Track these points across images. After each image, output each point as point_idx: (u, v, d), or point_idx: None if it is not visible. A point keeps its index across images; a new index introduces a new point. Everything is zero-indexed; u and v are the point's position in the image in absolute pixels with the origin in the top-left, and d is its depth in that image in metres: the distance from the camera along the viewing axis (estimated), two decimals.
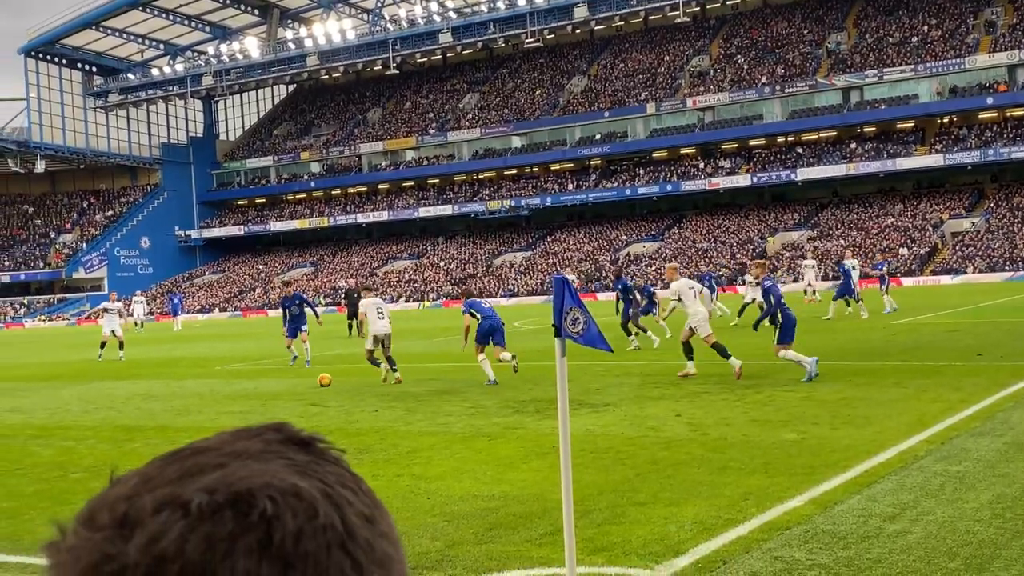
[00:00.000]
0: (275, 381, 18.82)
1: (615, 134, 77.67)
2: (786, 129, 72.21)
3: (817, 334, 23.17)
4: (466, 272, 76.01)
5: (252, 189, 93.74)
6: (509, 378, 16.80)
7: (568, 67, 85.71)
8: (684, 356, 15.83)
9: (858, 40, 73.36)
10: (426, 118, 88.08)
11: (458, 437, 11.05)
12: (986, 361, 15.57)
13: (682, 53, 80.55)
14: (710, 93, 74.85)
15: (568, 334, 5.60)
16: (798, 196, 72.19)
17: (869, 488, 7.52)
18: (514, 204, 79.11)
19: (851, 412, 11.29)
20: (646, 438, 10.28)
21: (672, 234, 73.55)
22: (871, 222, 66.31)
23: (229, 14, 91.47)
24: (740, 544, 6.23)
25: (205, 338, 38.80)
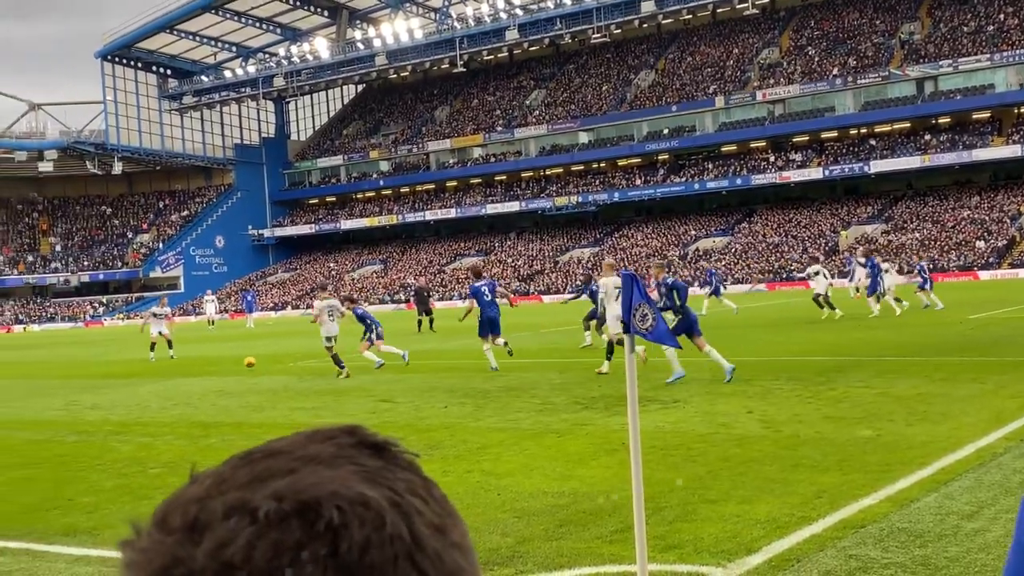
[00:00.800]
0: (349, 378, 19.02)
1: (683, 128, 77.04)
2: (858, 121, 70.96)
3: (893, 330, 22.78)
4: (533, 268, 76.04)
5: (323, 188, 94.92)
6: (578, 375, 16.79)
7: (635, 62, 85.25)
8: (605, 354, 16.76)
9: (932, 30, 71.82)
10: (493, 115, 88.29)
11: (527, 433, 11.07)
12: None
13: (751, 46, 79.62)
14: (780, 86, 73.86)
15: (637, 330, 5.59)
16: (871, 189, 70.95)
17: (946, 486, 7.38)
18: (581, 200, 78.92)
19: (927, 408, 11.08)
20: (717, 435, 10.20)
21: (742, 229, 72.77)
22: (946, 215, 64.92)
23: (299, 16, 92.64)
24: (814, 542, 6.16)
25: (278, 335, 39.37)
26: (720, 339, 22.78)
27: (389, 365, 20.13)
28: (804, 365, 16.14)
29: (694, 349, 19.55)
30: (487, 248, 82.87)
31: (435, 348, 25.95)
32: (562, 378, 16.44)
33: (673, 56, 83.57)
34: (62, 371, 26.00)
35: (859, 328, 23.72)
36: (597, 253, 75.55)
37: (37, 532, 7.68)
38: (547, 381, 16.11)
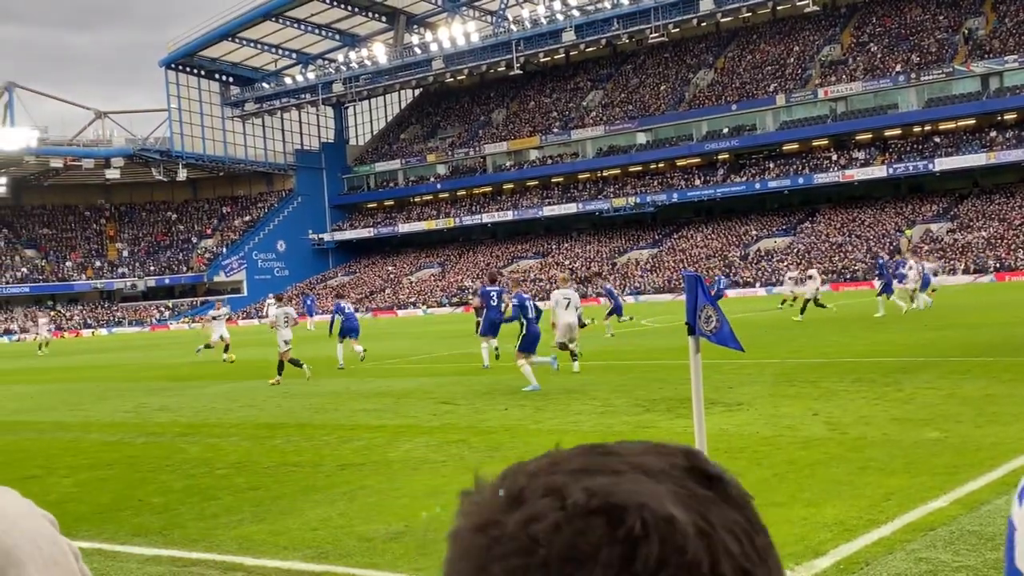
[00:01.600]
0: (407, 380, 19.16)
1: (743, 127, 76.37)
2: (922, 118, 69.78)
3: (959, 329, 22.38)
4: (591, 270, 75.87)
5: (381, 192, 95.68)
6: (638, 377, 16.72)
7: (693, 61, 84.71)
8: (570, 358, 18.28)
9: (997, 24, 70.39)
10: (549, 117, 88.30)
11: (589, 435, 11.04)
12: None
13: (812, 43, 78.70)
14: (842, 83, 72.90)
15: (702, 332, 5.57)
16: (936, 187, 69.74)
17: (1017, 488, 7.22)
18: (639, 201, 78.59)
19: (997, 410, 10.87)
20: (782, 437, 10.10)
21: (804, 228, 71.93)
22: (1013, 212, 63.56)
23: (357, 22, 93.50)
24: (882, 545, 6.08)
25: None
26: (784, 339, 22.59)
27: (448, 368, 20.16)
28: (869, 366, 15.91)
29: (757, 350, 19.40)
30: (544, 250, 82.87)
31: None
32: (622, 379, 16.39)
33: (732, 54, 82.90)
34: (130, 374, 26.50)
35: (925, 328, 23.33)
36: (656, 254, 75.19)
37: (108, 532, 7.84)
38: (607, 383, 16.07)
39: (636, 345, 24.40)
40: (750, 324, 28.95)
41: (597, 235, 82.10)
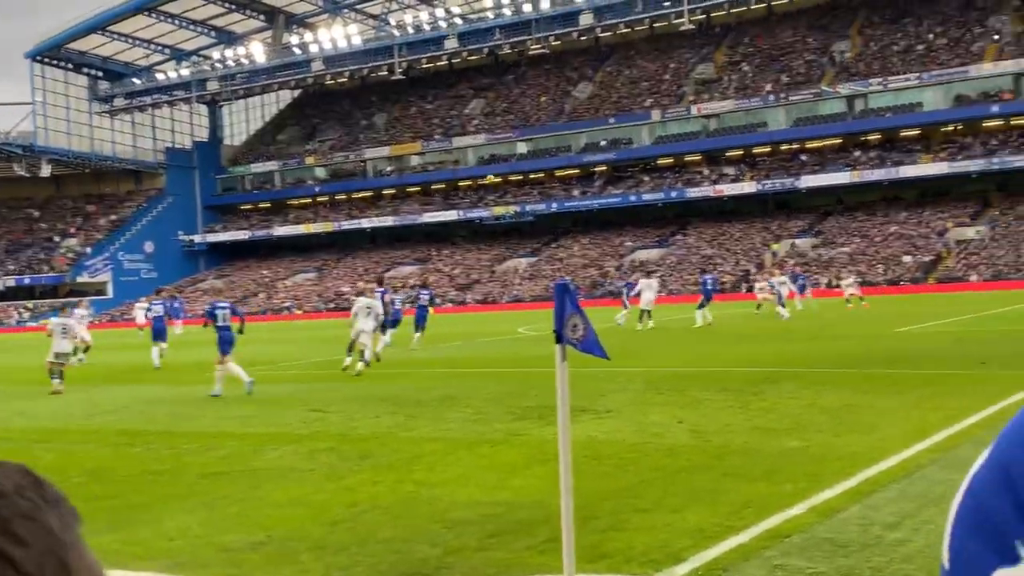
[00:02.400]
0: (277, 386, 18.81)
1: (620, 140, 77.68)
2: (790, 137, 72.15)
3: (823, 341, 23.16)
4: (471, 278, 76.01)
5: (257, 194, 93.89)
6: (513, 385, 16.79)
7: (573, 73, 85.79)
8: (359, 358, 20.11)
9: (863, 48, 73.34)
10: (431, 124, 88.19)
11: (461, 443, 11.02)
12: (989, 370, 15.52)
13: (687, 60, 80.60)
14: (715, 100, 74.86)
15: (569, 340, 5.60)
16: (802, 204, 72.13)
17: (871, 496, 7.49)
18: (519, 210, 79.14)
19: (854, 419, 11.26)
20: (649, 444, 10.25)
21: (677, 240, 73.52)
22: (875, 230, 66.23)
23: (235, 19, 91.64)
24: (740, 552, 6.21)
25: (207, 343, 38.76)
26: (656, 349, 23.02)
27: (321, 375, 19.92)
28: (735, 376, 16.32)
29: (628, 359, 19.70)
30: (424, 257, 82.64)
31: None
32: (497, 387, 16.43)
33: (611, 69, 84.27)
34: None
35: (790, 340, 24.08)
36: (534, 263, 75.79)
37: None
38: (483, 391, 16.08)
39: (513, 353, 24.51)
40: (658, 332, 29.40)
41: (477, 243, 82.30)
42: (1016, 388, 12.91)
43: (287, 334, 45.07)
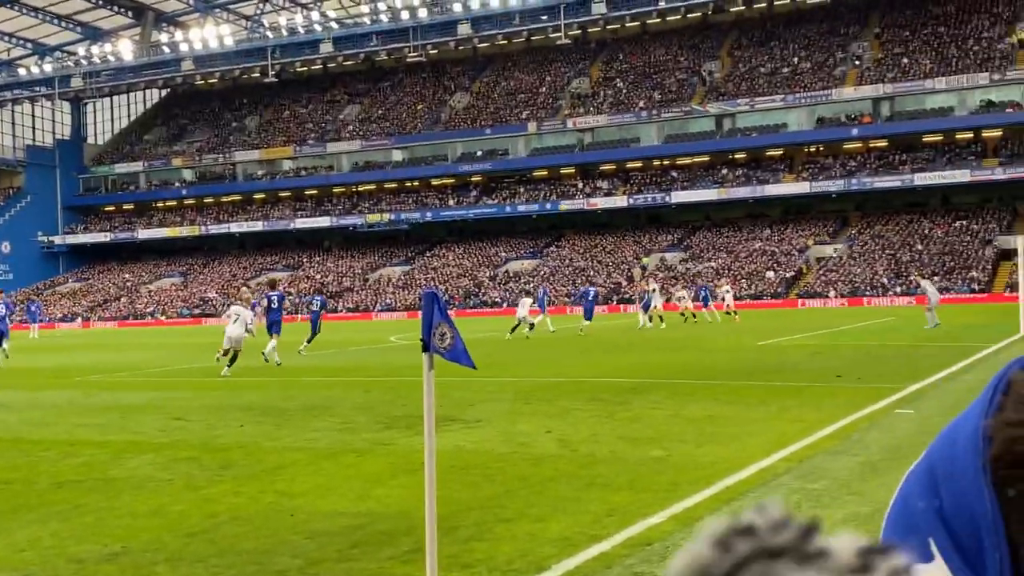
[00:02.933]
0: (137, 394, 18.22)
1: (496, 151, 78.12)
2: (662, 153, 73.79)
3: (689, 352, 23.69)
4: (343, 285, 75.23)
5: (120, 195, 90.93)
6: (382, 394, 16.66)
7: (451, 83, 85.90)
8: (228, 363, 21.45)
9: (732, 69, 75.56)
10: (305, 128, 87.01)
11: (325, 453, 10.86)
12: (845, 383, 16.11)
13: (563, 74, 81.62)
14: (590, 115, 76.00)
15: (436, 349, 5.57)
16: (672, 218, 73.79)
17: (729, 505, 7.67)
18: (393, 218, 78.74)
19: (716, 430, 11.52)
20: (516, 454, 10.29)
21: (551, 252, 74.27)
22: (740, 246, 68.21)
23: (101, 15, 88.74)
24: (602, 560, 6.27)
25: (64, 348, 37.39)
26: (527, 360, 23.16)
27: (183, 382, 19.39)
28: (603, 386, 16.55)
29: (498, 368, 19.78)
30: (295, 263, 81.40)
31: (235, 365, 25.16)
32: (366, 397, 16.26)
33: (488, 80, 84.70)
34: None
35: (657, 351, 24.56)
36: (408, 272, 75.49)
37: None
38: (350, 400, 15.89)
39: (383, 362, 24.32)
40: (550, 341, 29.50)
41: (350, 250, 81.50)
42: (869, 401, 13.44)
43: (149, 340, 43.77)
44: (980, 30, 68.95)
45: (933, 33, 70.49)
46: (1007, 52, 65.70)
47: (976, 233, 62.16)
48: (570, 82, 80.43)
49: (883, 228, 65.88)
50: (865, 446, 10.13)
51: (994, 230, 61.67)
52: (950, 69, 66.19)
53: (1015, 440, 0.64)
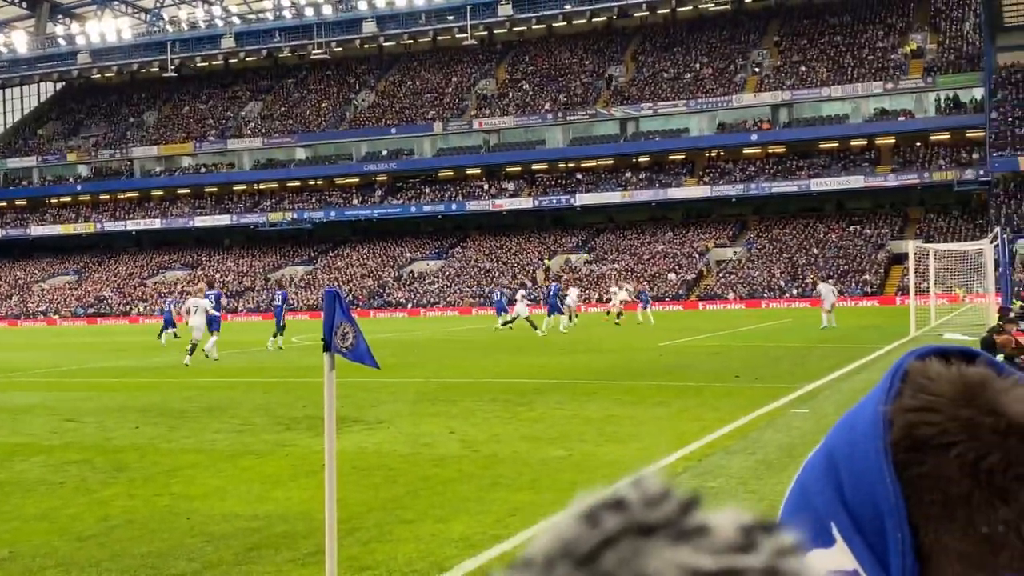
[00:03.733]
0: (27, 395, 17.65)
1: (402, 151, 77.74)
2: (567, 155, 74.34)
3: (590, 354, 23.91)
4: (243, 285, 74.02)
5: (12, 190, 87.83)
6: (283, 394, 16.44)
7: (356, 81, 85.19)
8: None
9: (636, 74, 76.53)
10: (205, 124, 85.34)
11: (224, 455, 10.68)
12: (742, 383, 16.45)
13: (469, 75, 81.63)
14: (496, 116, 76.16)
15: (337, 349, 5.51)
16: (577, 220, 74.39)
17: None
18: (296, 217, 77.76)
19: (616, 430, 11.66)
20: (418, 455, 10.25)
21: (456, 253, 74.20)
22: (643, 248, 69.12)
23: None
24: (504, 560, 6.29)
25: None
26: (432, 361, 23.11)
27: (77, 383, 18.86)
28: (506, 387, 16.59)
29: (402, 369, 19.71)
30: (194, 262, 79.77)
31: (131, 365, 24.60)
32: (266, 398, 16.03)
33: (394, 79, 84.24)
34: None
35: (561, 352, 24.73)
36: (311, 271, 74.62)
37: None
38: (250, 401, 15.65)
39: (285, 362, 24.00)
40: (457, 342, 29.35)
41: (251, 249, 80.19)
42: (766, 400, 13.75)
43: (42, 340, 42.45)
44: (875, 40, 71.12)
45: (830, 42, 72.45)
46: (900, 62, 67.91)
47: (869, 238, 64.08)
48: (476, 83, 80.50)
49: (780, 232, 67.46)
50: (762, 445, 10.35)
51: (886, 235, 63.65)
52: (846, 78, 68.12)
53: (914, 424, 0.67)
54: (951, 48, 67.77)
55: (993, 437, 0.65)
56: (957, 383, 0.68)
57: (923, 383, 0.69)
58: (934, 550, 0.65)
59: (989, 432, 0.65)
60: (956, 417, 0.66)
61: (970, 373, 0.69)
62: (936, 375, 0.69)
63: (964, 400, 0.67)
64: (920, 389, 0.68)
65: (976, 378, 0.68)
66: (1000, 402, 0.67)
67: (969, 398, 0.67)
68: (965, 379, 0.68)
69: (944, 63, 66.35)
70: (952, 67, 65.69)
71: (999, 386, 0.68)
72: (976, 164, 61.82)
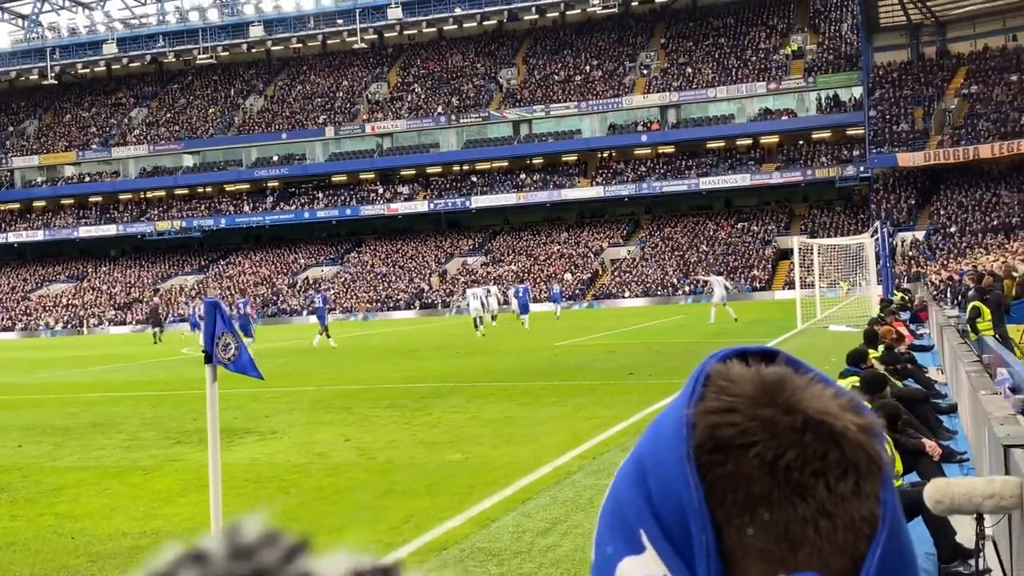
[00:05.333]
0: None
1: (294, 156, 76.71)
2: (461, 158, 74.34)
3: (487, 356, 23.94)
4: (131, 296, 72.12)
5: None
6: (172, 408, 16.06)
7: (244, 86, 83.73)
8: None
9: (527, 76, 76.98)
10: (88, 132, 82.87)
11: (111, 472, 10.39)
12: (637, 380, 16.68)
13: (361, 79, 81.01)
14: (388, 120, 75.73)
15: (219, 360, 5.41)
16: (473, 223, 74.47)
17: (524, 504, 7.80)
18: (185, 225, 76.07)
19: (513, 431, 11.70)
20: (313, 465, 10.13)
21: (351, 258, 73.55)
22: (539, 249, 69.56)
23: None
24: None
25: None
26: (327, 368, 22.84)
27: None
28: (403, 392, 16.50)
29: (297, 378, 19.46)
30: (79, 274, 77.41)
31: (13, 382, 23.73)
32: (155, 412, 15.64)
33: (283, 83, 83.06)
34: None
35: (457, 355, 24.71)
36: (202, 280, 73.12)
37: None
38: (138, 415, 15.25)
39: (175, 375, 23.45)
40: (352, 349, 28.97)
41: (139, 259, 78.18)
42: (659, 396, 13.97)
43: None
44: (757, 42, 72.87)
45: (714, 44, 73.98)
46: (782, 63, 69.73)
47: (757, 234, 65.64)
48: (368, 86, 79.92)
49: (672, 230, 68.61)
50: None
51: (773, 231, 65.27)
52: (730, 79, 69.65)
53: (716, 426, 0.68)
54: (830, 48, 69.88)
55: (791, 434, 0.67)
56: (756, 383, 0.69)
57: (724, 385, 0.70)
58: (737, 550, 0.65)
59: (787, 430, 0.67)
60: (756, 417, 0.67)
61: (769, 373, 0.70)
62: (736, 376, 0.70)
63: (764, 399, 0.68)
64: (721, 391, 0.69)
65: (774, 377, 0.70)
66: (797, 399, 0.68)
67: (768, 397, 0.68)
68: (764, 379, 0.70)
69: (824, 63, 68.38)
70: (831, 67, 67.74)
71: (796, 383, 0.69)
72: (856, 161, 63.84)
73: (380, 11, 75.33)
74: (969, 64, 64.30)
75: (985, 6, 64.12)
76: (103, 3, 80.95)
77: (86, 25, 78.88)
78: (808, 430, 0.67)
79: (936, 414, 10.30)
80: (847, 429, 0.68)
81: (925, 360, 16.18)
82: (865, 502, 0.67)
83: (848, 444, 0.67)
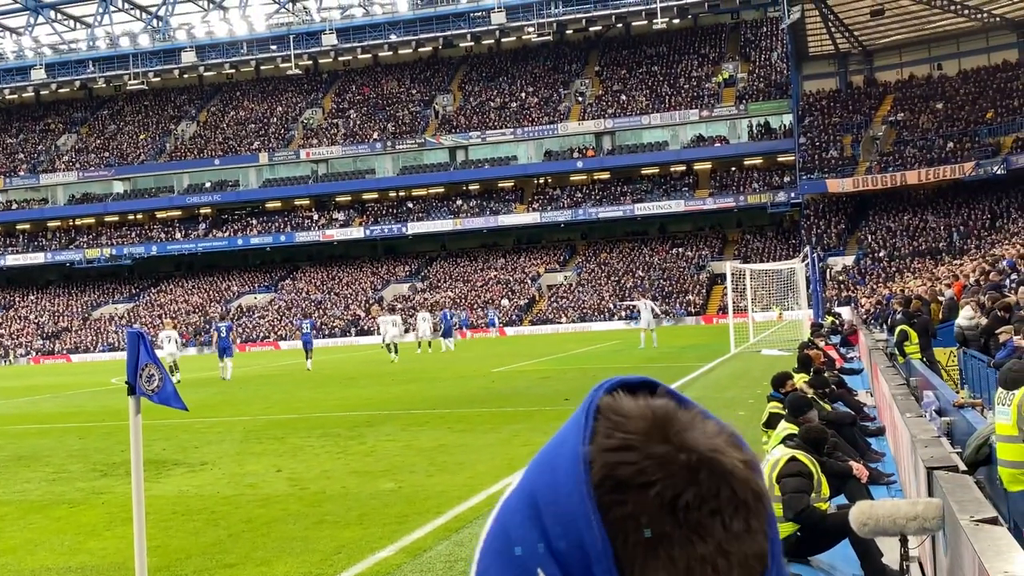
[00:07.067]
0: None
1: (227, 182, 75.93)
2: (397, 184, 74.21)
3: (422, 383, 23.83)
4: (60, 326, 70.62)
5: None
6: (99, 439, 15.72)
7: (176, 112, 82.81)
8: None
9: (463, 103, 77.21)
10: (16, 159, 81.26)
11: (35, 506, 10.12)
12: (572, 405, 16.63)
13: (295, 105, 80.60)
14: (324, 146, 75.40)
15: (143, 392, 5.31)
16: (409, 249, 74.29)
17: (457, 533, 7.74)
18: (115, 253, 74.81)
19: (447, 459, 11.64)
20: (243, 496, 9.96)
21: (286, 285, 72.88)
22: (476, 275, 69.58)
23: None
24: None
25: None
26: (259, 398, 22.55)
27: None
28: (337, 420, 16.34)
29: (229, 407, 19.17)
30: (6, 303, 75.66)
31: None
32: (81, 444, 15.29)
33: (216, 109, 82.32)
34: None
35: (391, 383, 24.55)
36: (132, 309, 71.87)
37: None
38: (64, 447, 14.90)
39: (103, 406, 22.95)
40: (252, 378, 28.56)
41: (68, 288, 76.66)
42: None
43: None
44: (690, 70, 73.95)
45: (648, 72, 74.92)
46: (714, 90, 70.82)
47: (691, 259, 66.38)
48: (302, 112, 79.53)
49: (608, 256, 69.11)
50: None
51: (707, 256, 66.07)
52: (664, 106, 70.54)
53: (613, 465, 0.67)
54: (761, 76, 71.16)
55: (687, 473, 0.66)
56: (648, 418, 0.69)
57: (617, 420, 0.69)
58: None
59: (683, 468, 0.66)
60: (651, 455, 0.67)
61: (658, 407, 0.70)
62: (627, 411, 0.70)
63: (657, 436, 0.68)
64: (615, 427, 0.69)
65: (663, 412, 0.69)
66: (688, 436, 0.68)
67: (661, 434, 0.68)
68: (655, 414, 0.69)
69: (755, 91, 69.59)
70: (762, 95, 68.96)
71: (684, 419, 0.69)
72: (787, 187, 64.95)
73: (314, 37, 75.10)
74: (896, 92, 65.94)
75: (910, 36, 65.90)
76: (31, 28, 79.55)
77: (13, 50, 77.48)
78: (702, 468, 0.67)
79: (864, 436, 10.46)
80: (735, 467, 0.68)
81: (855, 383, 16.45)
82: (756, 539, 0.67)
83: (737, 482, 0.67)
